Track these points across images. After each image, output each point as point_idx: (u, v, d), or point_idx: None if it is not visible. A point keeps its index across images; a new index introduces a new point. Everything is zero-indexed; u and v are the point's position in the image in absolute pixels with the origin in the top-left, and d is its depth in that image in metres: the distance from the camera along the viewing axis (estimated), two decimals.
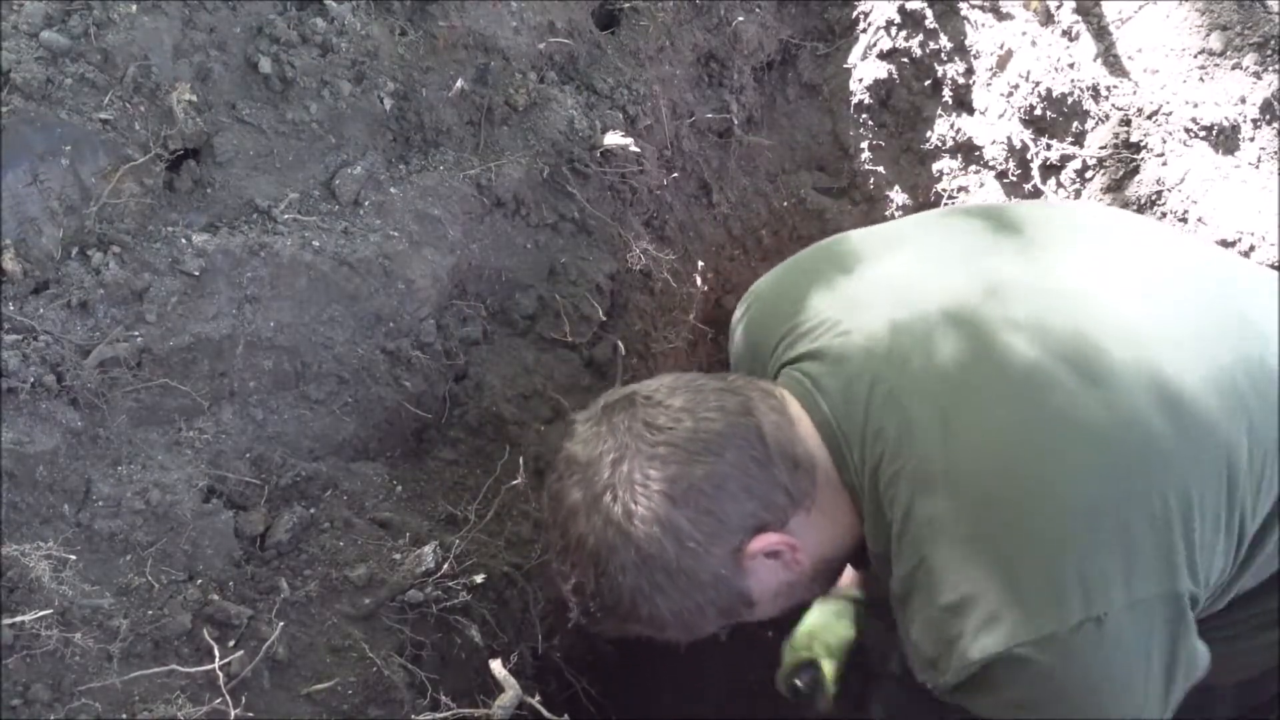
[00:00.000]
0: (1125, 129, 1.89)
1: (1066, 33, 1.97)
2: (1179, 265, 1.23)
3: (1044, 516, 1.04)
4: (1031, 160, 2.07)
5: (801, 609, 1.58)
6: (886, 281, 1.21)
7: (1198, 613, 1.09)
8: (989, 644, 1.03)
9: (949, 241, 1.26)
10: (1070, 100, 1.97)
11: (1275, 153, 1.69)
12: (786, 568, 1.18)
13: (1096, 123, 1.95)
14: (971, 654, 1.04)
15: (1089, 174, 1.96)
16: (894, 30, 2.22)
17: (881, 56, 2.26)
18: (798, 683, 1.58)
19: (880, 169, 2.33)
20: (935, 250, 1.24)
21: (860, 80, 2.28)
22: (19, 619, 1.14)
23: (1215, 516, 1.08)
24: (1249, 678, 1.27)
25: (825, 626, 1.59)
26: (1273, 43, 1.68)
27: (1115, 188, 1.93)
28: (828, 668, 1.55)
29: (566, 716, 1.24)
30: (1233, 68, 1.72)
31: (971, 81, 2.17)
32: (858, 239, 1.32)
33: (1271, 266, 1.70)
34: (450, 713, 1.28)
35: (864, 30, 2.28)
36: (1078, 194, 2.00)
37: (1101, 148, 1.93)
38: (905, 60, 2.24)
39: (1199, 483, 1.07)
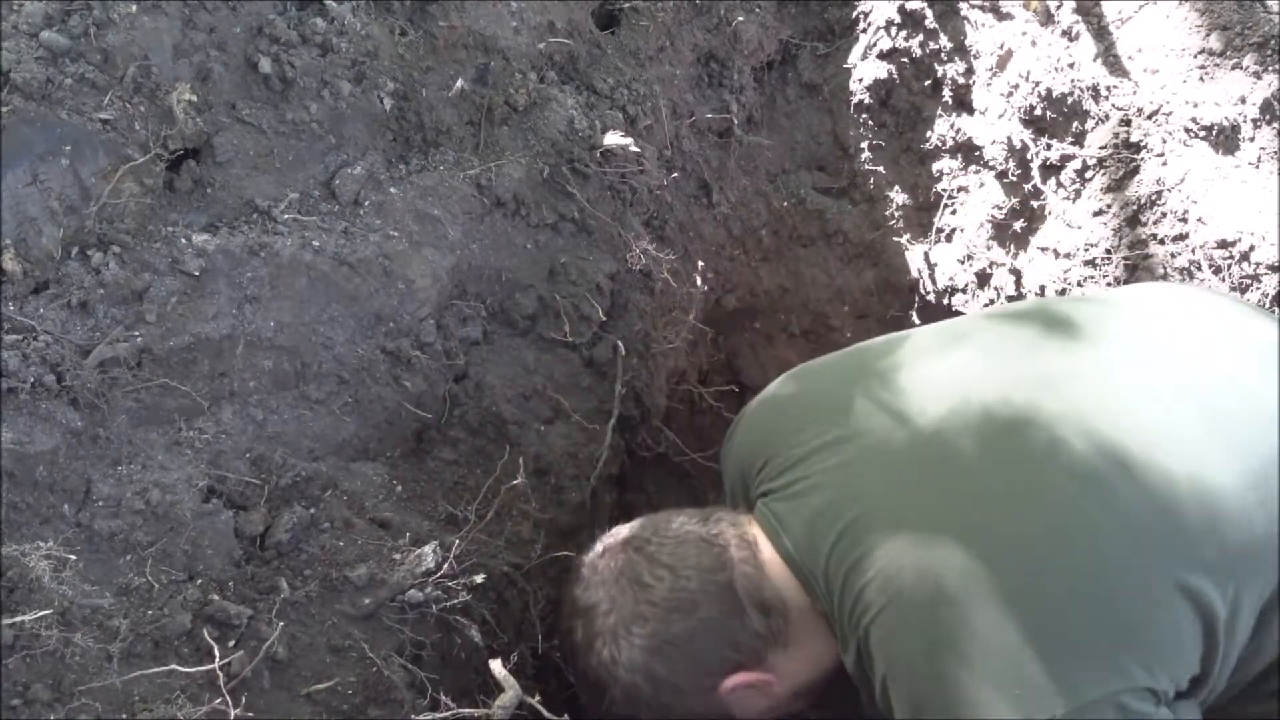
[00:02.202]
0: (1125, 129, 1.89)
1: (1066, 33, 1.97)
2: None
3: (982, 635, 1.08)
4: (1031, 160, 2.07)
5: None
6: (918, 384, 1.26)
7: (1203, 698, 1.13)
8: None
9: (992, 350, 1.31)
10: (1070, 100, 1.97)
11: (1275, 153, 1.68)
12: (764, 696, 1.32)
13: (1096, 123, 1.95)
14: None
15: (1089, 174, 1.96)
16: (894, 30, 2.22)
17: (881, 56, 2.26)
18: None
19: (880, 169, 2.33)
20: (982, 353, 1.29)
21: (860, 80, 2.28)
22: (19, 619, 1.14)
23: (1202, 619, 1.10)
24: None
25: None
26: (1273, 43, 1.68)
27: (1115, 188, 1.92)
28: None
29: (566, 716, 1.24)
30: (1233, 68, 1.72)
31: (971, 81, 2.17)
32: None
33: (1271, 267, 1.70)
34: (450, 713, 1.28)
35: (864, 30, 2.28)
36: (1078, 194, 2.00)
37: (1101, 148, 1.93)
38: (905, 60, 2.24)
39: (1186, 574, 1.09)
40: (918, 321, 2.34)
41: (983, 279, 2.22)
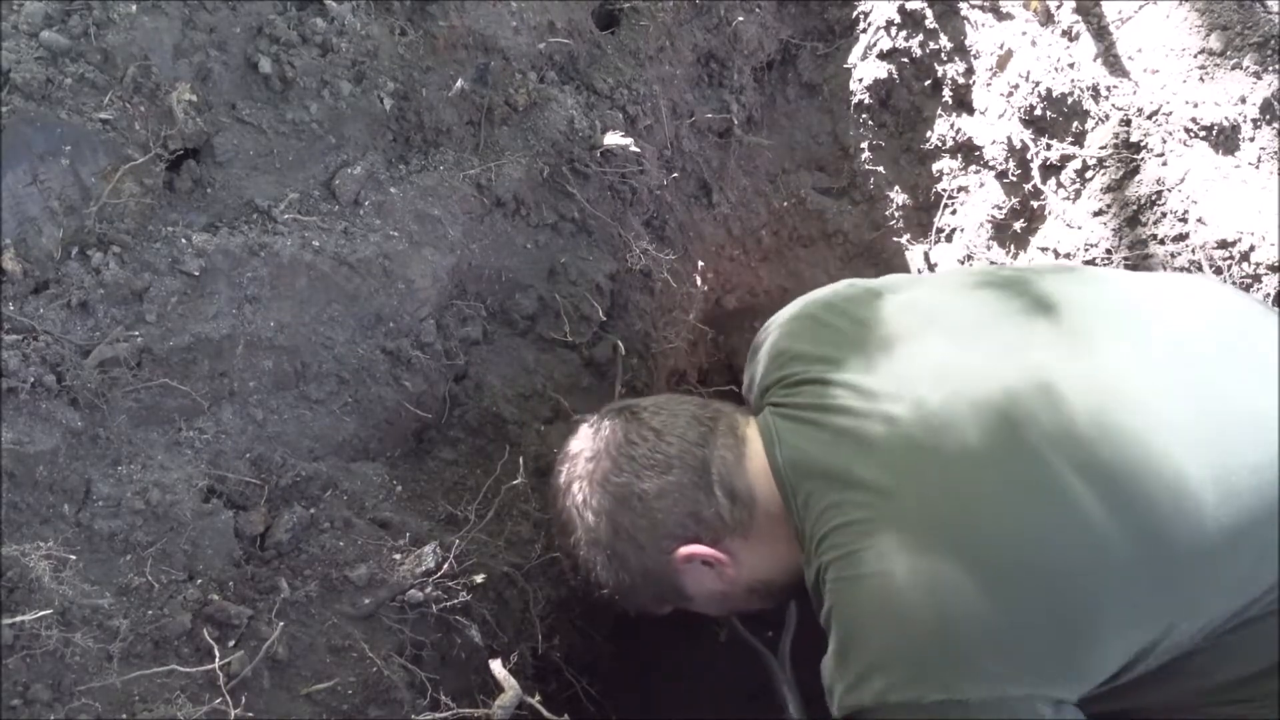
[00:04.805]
0: (1125, 129, 1.89)
1: (1066, 33, 1.97)
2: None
3: (937, 602, 1.10)
4: (1031, 160, 2.07)
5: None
6: (923, 362, 1.25)
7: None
8: (861, 697, 1.12)
9: (986, 325, 1.29)
10: (1070, 100, 1.97)
11: (1275, 153, 1.68)
12: (719, 578, 1.37)
13: (1096, 123, 1.95)
14: (843, 701, 1.15)
15: (1089, 174, 1.96)
16: (894, 30, 2.22)
17: (881, 56, 2.26)
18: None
19: (880, 169, 2.33)
20: (971, 333, 1.28)
21: (860, 80, 2.28)
22: (19, 619, 1.14)
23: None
24: None
25: None
26: (1273, 43, 1.68)
27: (1115, 188, 1.92)
28: None
29: (566, 716, 1.24)
30: (1233, 68, 1.72)
31: (971, 81, 2.17)
32: (889, 309, 1.34)
33: (1271, 267, 1.70)
34: (450, 713, 1.28)
35: (864, 30, 2.28)
36: (1078, 194, 2.00)
37: (1101, 148, 1.93)
38: (905, 60, 2.24)
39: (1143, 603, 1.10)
40: None
41: None
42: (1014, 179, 2.14)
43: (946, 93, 2.22)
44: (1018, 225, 2.15)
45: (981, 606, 1.09)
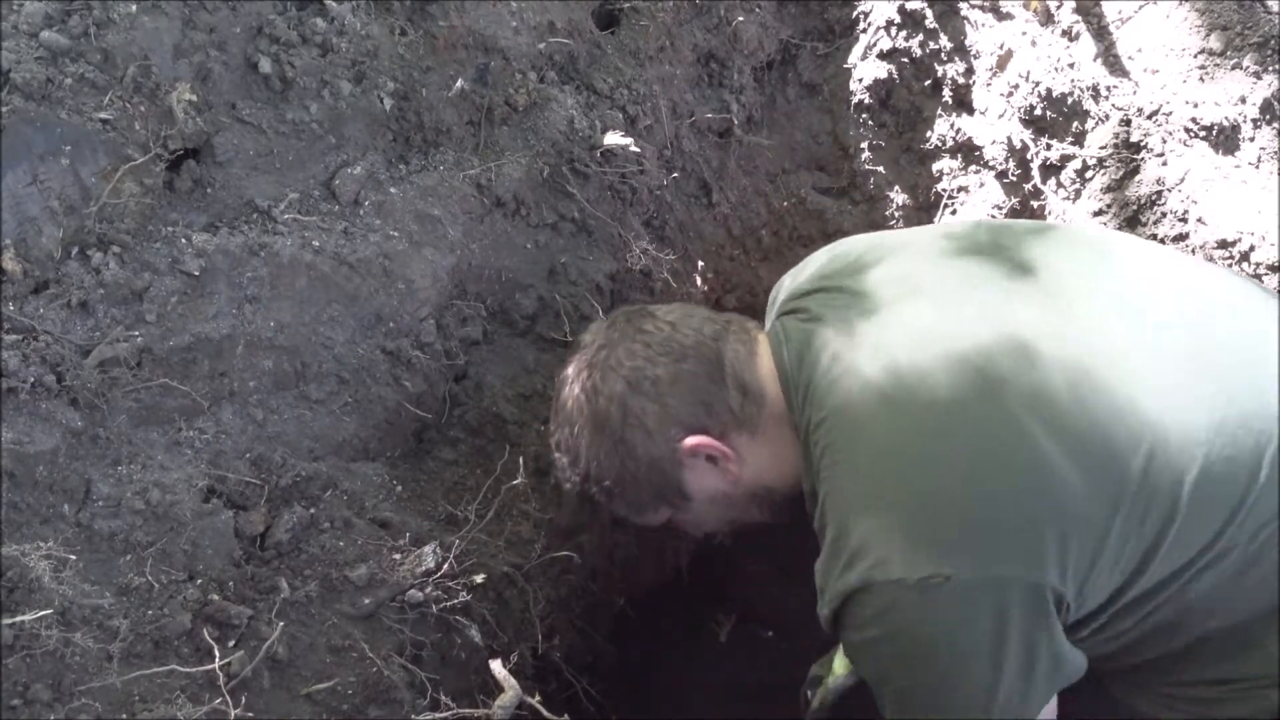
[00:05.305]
0: (1125, 129, 1.89)
1: (1066, 33, 1.97)
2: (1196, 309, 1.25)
3: (929, 477, 1.13)
4: (1031, 160, 2.07)
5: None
6: (903, 329, 1.25)
7: (1080, 618, 1.15)
8: (850, 579, 1.12)
9: (966, 289, 1.29)
10: (1070, 100, 1.97)
11: (1275, 153, 1.68)
12: (722, 476, 1.37)
13: (1096, 123, 1.95)
14: (837, 586, 1.14)
15: (1089, 174, 1.96)
16: (894, 30, 2.22)
17: (881, 56, 2.26)
18: (808, 693, 1.70)
19: (880, 169, 2.33)
20: (953, 298, 1.28)
21: (860, 80, 2.28)
22: (19, 619, 1.14)
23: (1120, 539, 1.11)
24: None
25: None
26: (1273, 43, 1.68)
27: (1115, 188, 1.92)
28: (830, 680, 1.66)
29: (566, 716, 1.24)
30: (1233, 68, 1.72)
31: (971, 81, 2.17)
32: (874, 279, 1.34)
33: (1271, 267, 1.70)
34: (450, 713, 1.28)
35: (864, 30, 2.28)
36: (1078, 194, 2.00)
37: (1101, 148, 1.93)
38: (905, 60, 2.24)
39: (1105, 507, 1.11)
40: None
41: None
42: (1014, 179, 2.14)
43: (946, 93, 2.22)
44: None
45: (966, 488, 1.11)
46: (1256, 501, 1.13)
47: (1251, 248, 1.72)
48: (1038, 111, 2.03)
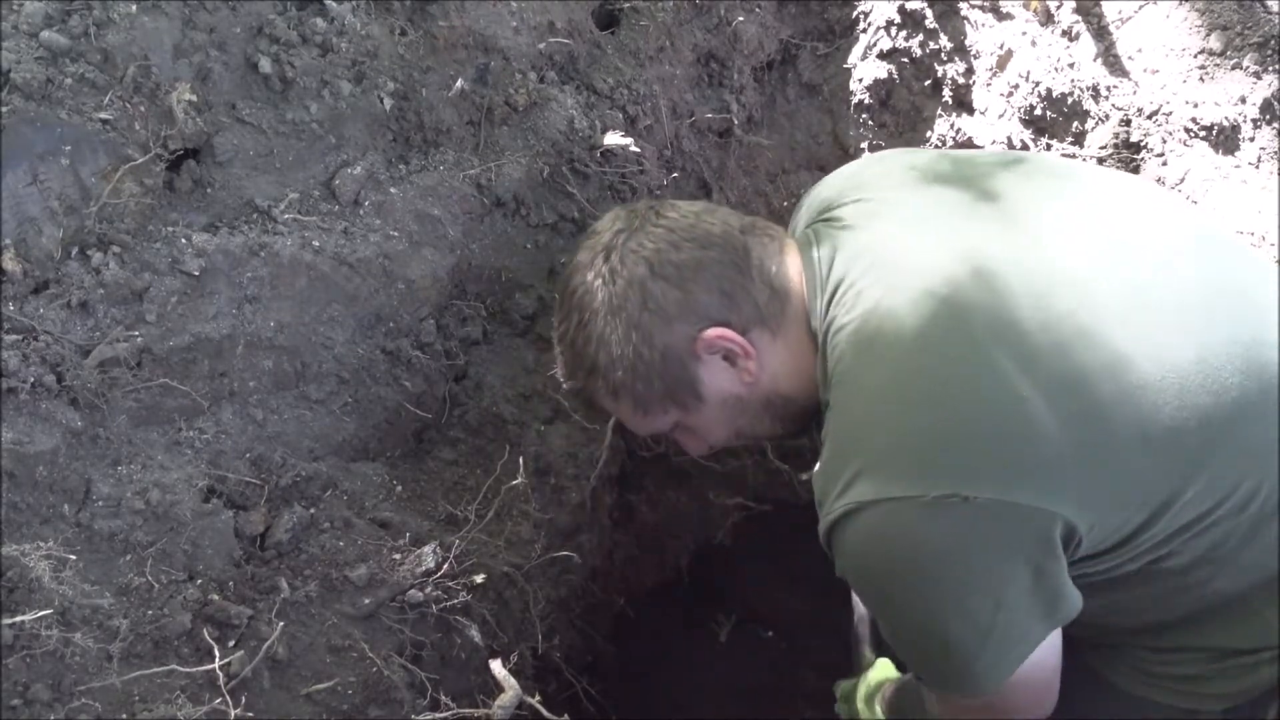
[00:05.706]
0: (1125, 129, 1.89)
1: (1066, 33, 1.97)
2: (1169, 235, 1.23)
3: (954, 401, 1.09)
4: None
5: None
6: (870, 253, 1.24)
7: (1085, 553, 1.12)
8: (856, 494, 1.08)
9: (930, 219, 1.27)
10: (1070, 100, 1.97)
11: (1275, 153, 1.68)
12: (738, 378, 1.29)
13: (1096, 123, 1.95)
14: (837, 503, 1.10)
15: None
16: (894, 30, 2.22)
17: (881, 56, 2.26)
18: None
19: None
20: (914, 222, 1.26)
21: (860, 80, 2.28)
22: (19, 619, 1.14)
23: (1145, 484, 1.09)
24: (1237, 704, 1.24)
25: (871, 682, 1.66)
26: (1273, 43, 1.68)
27: None
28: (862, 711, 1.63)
29: (566, 716, 1.24)
30: (1233, 68, 1.72)
31: (971, 81, 2.17)
32: (850, 214, 1.32)
33: None
34: (450, 713, 1.28)
35: (864, 30, 2.28)
36: None
37: (1101, 148, 1.93)
38: (905, 60, 2.24)
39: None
40: None
41: None
42: None
43: (946, 93, 2.22)
44: None
45: (990, 410, 1.08)
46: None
47: (1251, 248, 1.72)
48: (1038, 111, 2.03)
